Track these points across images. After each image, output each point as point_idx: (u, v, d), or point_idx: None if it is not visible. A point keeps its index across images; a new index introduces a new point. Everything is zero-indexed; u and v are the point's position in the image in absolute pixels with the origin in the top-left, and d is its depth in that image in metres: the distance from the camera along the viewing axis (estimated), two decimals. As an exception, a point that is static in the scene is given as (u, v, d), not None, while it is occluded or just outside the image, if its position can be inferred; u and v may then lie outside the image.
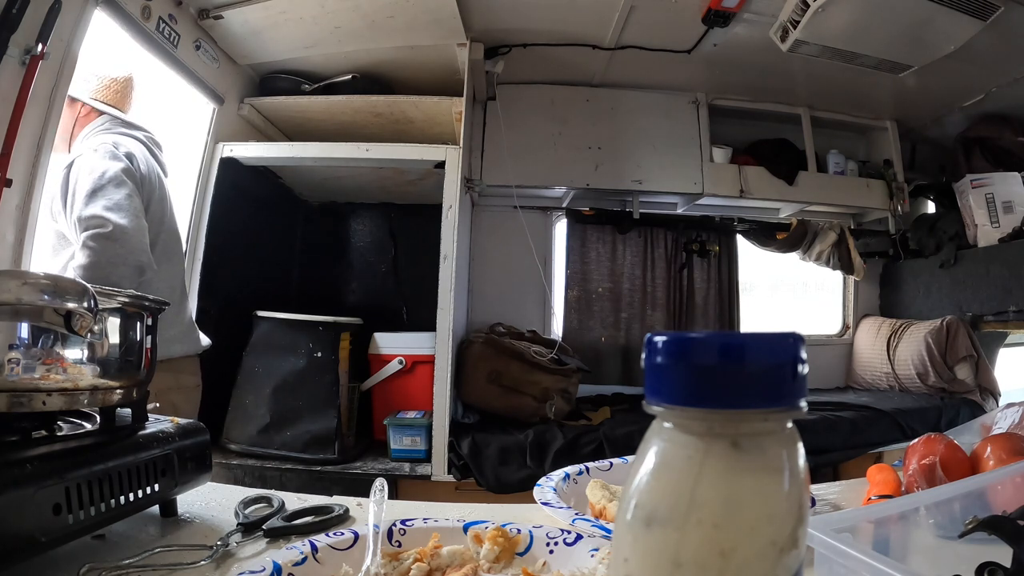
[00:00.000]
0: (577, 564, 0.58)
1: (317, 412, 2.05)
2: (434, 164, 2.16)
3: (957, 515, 0.55)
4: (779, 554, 0.22)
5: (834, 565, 0.46)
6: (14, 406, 0.55)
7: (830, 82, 2.71)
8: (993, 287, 2.69)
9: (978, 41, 2.16)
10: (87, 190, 1.44)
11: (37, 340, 0.57)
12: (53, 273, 0.58)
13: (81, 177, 1.46)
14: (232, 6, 2.00)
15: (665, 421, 0.24)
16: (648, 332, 0.25)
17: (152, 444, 0.66)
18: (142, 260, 1.47)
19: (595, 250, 3.11)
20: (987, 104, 2.78)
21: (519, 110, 2.84)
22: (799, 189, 2.95)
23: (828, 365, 3.30)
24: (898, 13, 2.09)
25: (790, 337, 0.23)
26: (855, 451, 2.36)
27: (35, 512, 0.51)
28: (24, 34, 1.38)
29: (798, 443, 0.24)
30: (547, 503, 0.69)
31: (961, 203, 2.85)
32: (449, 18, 2.12)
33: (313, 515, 0.71)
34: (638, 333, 3.05)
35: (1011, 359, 3.04)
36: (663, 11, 2.27)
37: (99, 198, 1.44)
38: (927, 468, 0.76)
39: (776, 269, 3.47)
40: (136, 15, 1.70)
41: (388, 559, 0.58)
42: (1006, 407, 0.96)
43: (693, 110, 2.94)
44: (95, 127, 1.63)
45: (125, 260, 1.43)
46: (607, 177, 2.89)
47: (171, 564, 0.58)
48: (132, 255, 1.44)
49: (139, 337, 0.67)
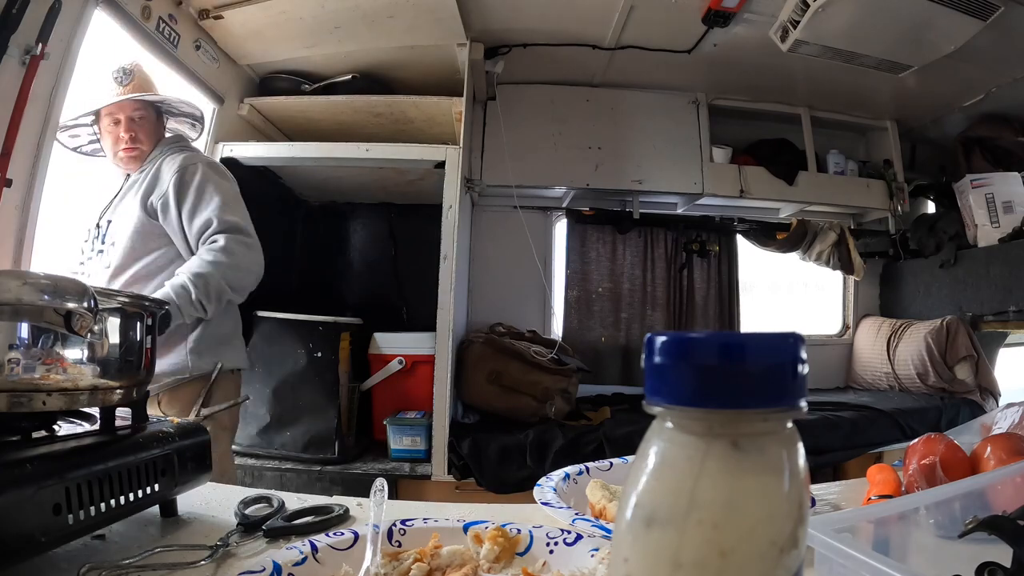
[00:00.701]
0: (577, 564, 0.58)
1: (317, 412, 2.05)
2: (434, 164, 2.16)
3: (957, 515, 0.55)
4: (779, 554, 0.22)
5: (834, 565, 0.46)
6: (14, 406, 0.55)
7: (830, 82, 2.71)
8: (993, 287, 2.69)
9: (978, 41, 2.16)
10: (221, 199, 1.54)
11: (37, 340, 0.57)
12: (53, 273, 0.58)
13: (208, 185, 1.54)
14: (232, 6, 2.00)
15: (665, 421, 0.24)
16: (648, 332, 0.25)
17: (152, 444, 0.66)
18: (260, 274, 1.60)
19: (595, 250, 3.11)
20: (987, 104, 2.78)
21: (519, 110, 2.84)
22: (799, 189, 2.95)
23: (828, 365, 3.30)
24: (898, 13, 2.10)
25: (790, 337, 0.23)
26: (855, 451, 2.36)
27: (35, 512, 0.51)
28: (24, 34, 1.38)
29: (798, 443, 0.24)
30: (547, 503, 0.69)
31: (961, 203, 2.85)
32: (449, 18, 2.12)
33: (313, 515, 0.71)
34: (638, 333, 3.05)
35: (1011, 359, 3.04)
36: (663, 11, 2.27)
37: (236, 210, 1.57)
38: (927, 468, 0.76)
39: (776, 269, 3.46)
40: (136, 15, 1.71)
41: (388, 559, 0.58)
42: (1006, 407, 0.96)
43: (693, 110, 2.94)
44: (178, 142, 1.66)
45: (255, 270, 1.57)
46: (607, 177, 2.89)
47: (171, 564, 0.58)
48: (259, 267, 1.59)
49: (139, 337, 0.67)
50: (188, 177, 1.52)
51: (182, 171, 1.53)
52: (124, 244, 1.52)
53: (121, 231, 1.54)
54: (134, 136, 1.57)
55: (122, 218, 1.56)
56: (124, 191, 1.61)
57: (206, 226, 1.51)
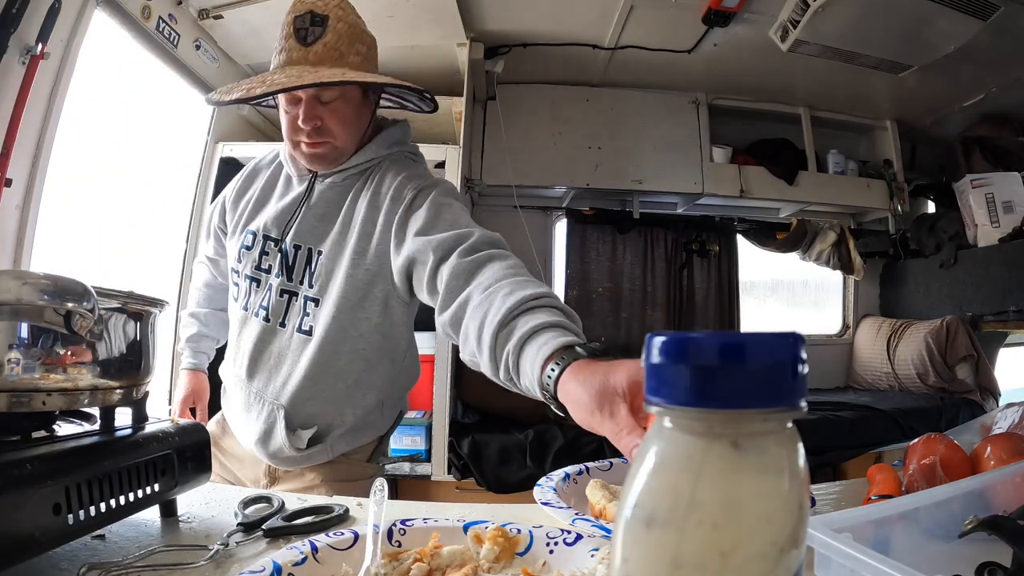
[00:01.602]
0: (577, 564, 0.58)
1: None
2: (434, 164, 2.16)
3: (957, 515, 0.55)
4: (779, 554, 0.22)
5: (834, 565, 0.46)
6: (14, 406, 0.55)
7: (830, 82, 2.71)
8: (993, 287, 2.69)
9: (978, 41, 2.16)
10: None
11: (37, 340, 0.57)
12: (53, 273, 0.58)
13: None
14: (232, 6, 2.00)
15: (665, 421, 0.24)
16: (648, 332, 0.25)
17: (152, 444, 0.66)
18: None
19: (595, 250, 3.11)
20: (987, 104, 2.78)
21: (519, 110, 2.84)
22: (799, 189, 2.95)
23: (828, 365, 3.30)
24: (898, 13, 2.10)
25: (790, 337, 0.23)
26: (855, 451, 2.36)
27: (35, 512, 0.51)
28: (24, 34, 1.38)
29: (798, 443, 0.24)
30: (547, 503, 0.69)
31: (961, 203, 2.85)
32: (449, 18, 2.12)
33: (313, 515, 0.71)
34: (638, 333, 3.05)
35: (1011, 359, 3.04)
36: (663, 11, 2.27)
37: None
38: (927, 468, 0.76)
39: (776, 269, 3.46)
40: (136, 15, 1.71)
41: (388, 559, 0.58)
42: (1006, 407, 0.96)
43: (693, 110, 2.94)
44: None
45: None
46: (607, 177, 2.89)
47: (171, 564, 0.58)
48: None
49: (139, 337, 0.67)
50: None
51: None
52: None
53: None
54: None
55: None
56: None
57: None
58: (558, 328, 0.68)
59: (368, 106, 1.09)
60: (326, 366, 1.02)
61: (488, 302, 0.76)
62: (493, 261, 0.84)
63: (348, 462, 1.09)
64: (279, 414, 1.03)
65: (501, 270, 0.82)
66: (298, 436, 1.04)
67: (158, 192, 2.23)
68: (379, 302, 1.02)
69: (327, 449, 1.06)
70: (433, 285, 0.89)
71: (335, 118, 1.02)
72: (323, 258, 1.03)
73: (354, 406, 1.06)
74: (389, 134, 1.11)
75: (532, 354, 0.67)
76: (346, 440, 1.08)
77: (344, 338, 1.02)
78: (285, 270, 1.05)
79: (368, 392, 1.06)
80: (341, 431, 1.06)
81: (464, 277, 0.84)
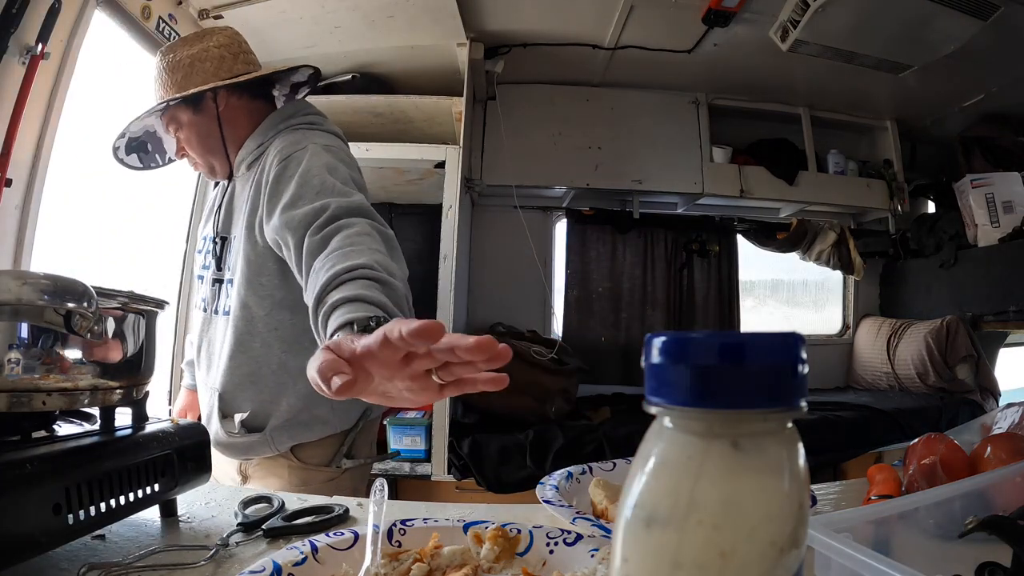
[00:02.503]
0: (577, 564, 0.58)
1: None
2: (434, 164, 2.16)
3: (957, 515, 0.55)
4: (779, 554, 0.22)
5: (834, 565, 0.46)
6: (14, 406, 0.55)
7: (830, 82, 2.71)
8: (993, 287, 2.69)
9: (978, 41, 2.16)
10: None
11: (37, 340, 0.57)
12: (53, 273, 0.58)
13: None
14: (232, 6, 2.00)
15: (665, 421, 0.24)
16: (648, 332, 0.25)
17: (152, 444, 0.66)
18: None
19: (595, 250, 3.11)
20: (987, 104, 2.78)
21: (519, 110, 2.84)
22: (799, 189, 2.95)
23: (828, 365, 3.30)
24: (898, 13, 2.09)
25: (790, 337, 0.23)
26: (855, 451, 2.36)
27: (35, 512, 0.51)
28: (24, 34, 1.38)
29: (798, 443, 0.24)
30: (548, 500, 0.69)
31: (961, 203, 2.85)
32: (449, 18, 2.12)
33: (313, 515, 0.71)
34: (638, 333, 3.05)
35: (1011, 359, 3.04)
36: (663, 11, 2.27)
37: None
38: (927, 468, 0.76)
39: (776, 269, 3.46)
40: (136, 15, 1.70)
41: (388, 559, 0.58)
42: (1006, 407, 0.96)
43: (693, 110, 2.94)
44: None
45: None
46: (607, 177, 2.89)
47: (171, 564, 0.58)
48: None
49: (139, 337, 0.67)
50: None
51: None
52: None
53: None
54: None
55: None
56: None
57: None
58: (354, 302, 0.69)
59: (209, 115, 1.13)
60: (245, 346, 1.05)
61: (314, 280, 0.79)
62: (339, 232, 0.85)
63: (305, 467, 1.09)
64: (215, 399, 1.07)
65: (338, 242, 0.83)
66: (230, 421, 1.06)
67: (158, 192, 2.23)
68: (276, 274, 1.04)
69: (267, 440, 1.06)
70: (299, 268, 0.90)
71: (188, 144, 1.14)
72: (234, 242, 1.10)
73: (288, 395, 1.05)
74: (273, 117, 1.15)
75: (328, 333, 0.69)
76: (289, 433, 1.07)
77: (252, 316, 1.05)
78: (215, 261, 1.14)
79: (299, 379, 1.04)
80: (279, 421, 1.06)
81: (314, 255, 0.85)
